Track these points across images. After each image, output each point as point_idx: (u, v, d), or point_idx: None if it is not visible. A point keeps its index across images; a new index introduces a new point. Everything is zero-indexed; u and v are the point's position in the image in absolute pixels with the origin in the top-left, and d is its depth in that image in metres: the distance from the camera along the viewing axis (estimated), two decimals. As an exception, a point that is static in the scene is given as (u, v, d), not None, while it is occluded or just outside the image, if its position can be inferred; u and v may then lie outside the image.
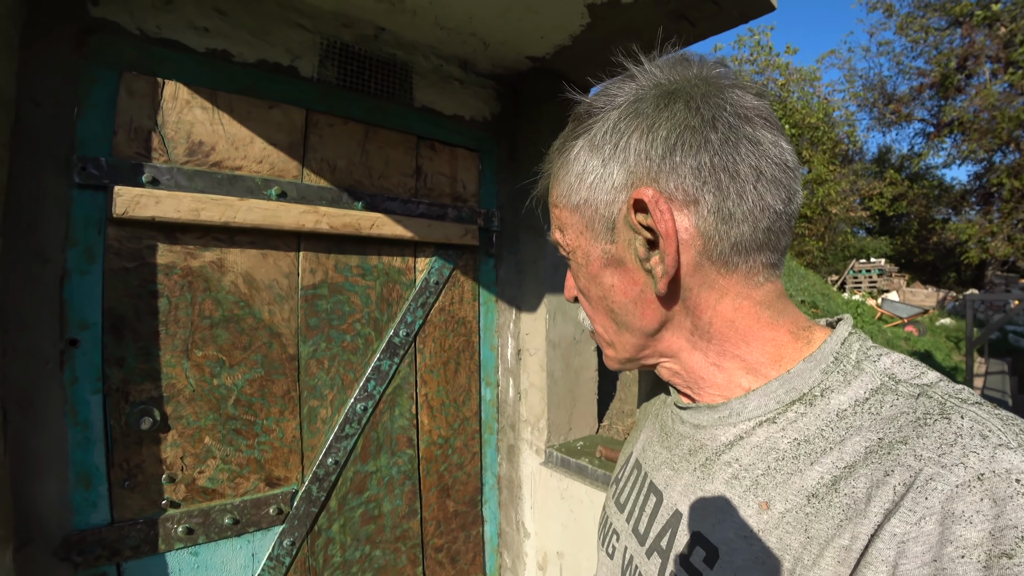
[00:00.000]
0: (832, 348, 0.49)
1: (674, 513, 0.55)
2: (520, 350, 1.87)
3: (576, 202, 0.54)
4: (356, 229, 1.47)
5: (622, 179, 0.50)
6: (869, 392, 0.45)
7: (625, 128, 0.50)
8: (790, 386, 0.49)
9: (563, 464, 1.74)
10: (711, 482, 0.52)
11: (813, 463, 0.44)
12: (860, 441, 0.43)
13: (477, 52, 1.73)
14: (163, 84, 1.26)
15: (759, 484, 0.47)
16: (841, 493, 0.42)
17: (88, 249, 1.18)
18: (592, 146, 0.52)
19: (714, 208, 0.48)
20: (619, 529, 0.65)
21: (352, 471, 1.52)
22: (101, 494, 1.18)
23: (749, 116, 0.48)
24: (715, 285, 0.51)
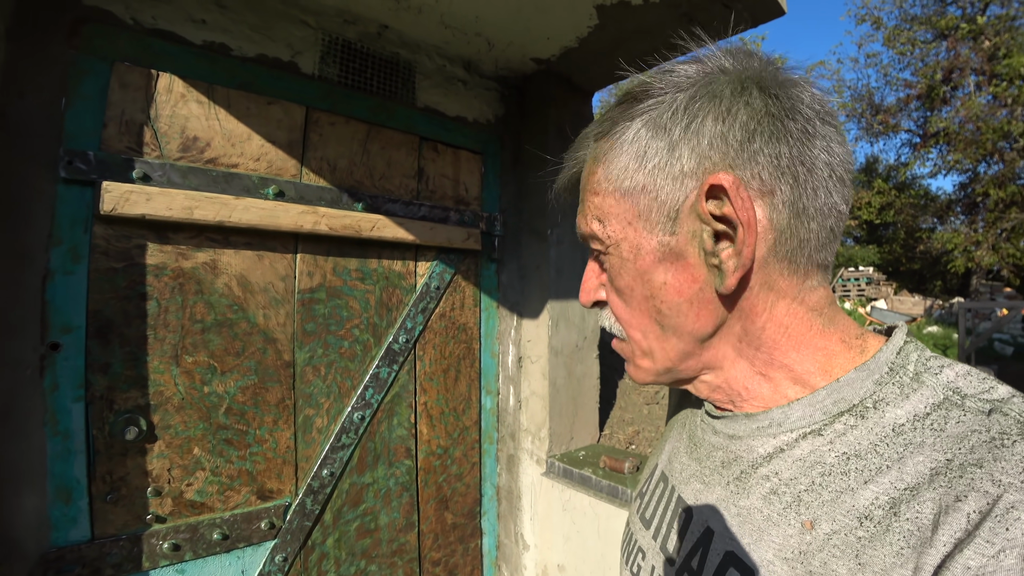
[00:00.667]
0: (887, 358, 0.45)
1: (705, 531, 0.50)
2: (521, 357, 1.81)
3: (629, 187, 0.48)
4: (356, 231, 1.40)
5: (692, 164, 0.45)
6: (931, 407, 0.41)
7: (698, 110, 0.45)
8: (839, 396, 0.45)
9: (565, 475, 1.69)
10: (747, 497, 0.47)
11: (867, 481, 0.40)
12: (924, 461, 0.39)
13: (482, 53, 1.68)
14: (157, 76, 1.20)
15: (802, 501, 0.43)
16: (902, 518, 0.37)
17: (73, 248, 1.11)
18: (656, 127, 0.47)
19: (789, 201, 0.44)
20: (645, 547, 0.60)
21: (348, 483, 1.45)
22: (81, 509, 1.11)
23: (821, 112, 0.46)
24: (775, 286, 0.46)
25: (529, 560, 1.79)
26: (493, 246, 1.77)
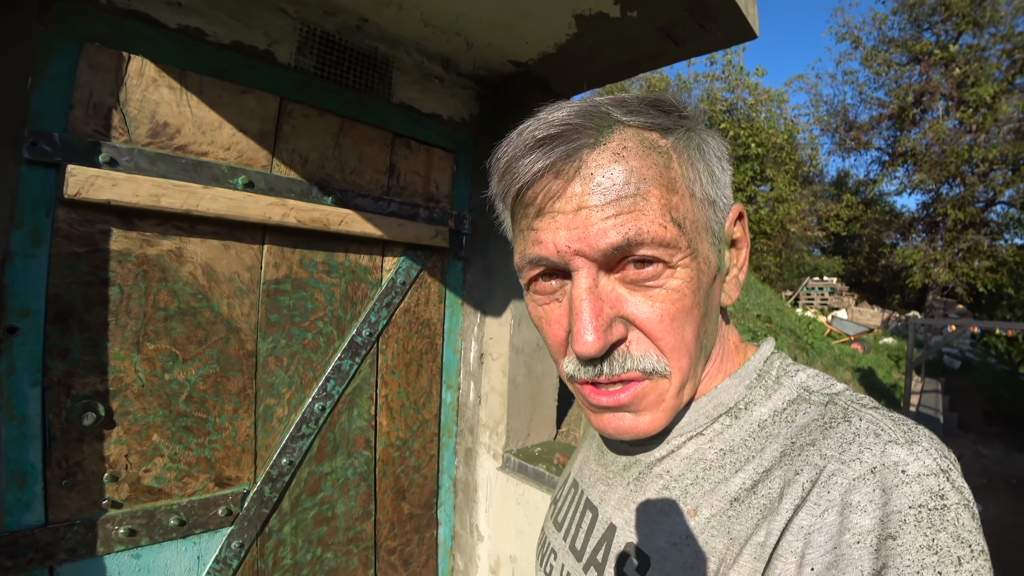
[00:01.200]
0: (755, 366, 0.54)
1: (609, 527, 0.57)
2: (483, 354, 1.85)
3: (704, 196, 0.48)
4: (324, 225, 1.42)
5: (730, 191, 0.53)
6: (787, 403, 0.49)
7: (718, 147, 0.52)
8: (717, 401, 0.53)
9: (520, 469, 1.74)
10: (643, 494, 0.54)
11: (737, 471, 0.47)
12: (777, 447, 0.46)
13: (460, 52, 1.70)
14: (129, 59, 1.19)
15: (688, 493, 0.50)
16: (759, 495, 0.45)
17: (34, 231, 1.10)
18: (720, 149, 0.52)
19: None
20: (556, 548, 0.65)
21: (307, 472, 1.47)
22: (36, 493, 1.11)
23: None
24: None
25: (483, 551, 1.83)
26: (461, 244, 1.80)
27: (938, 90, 19.32)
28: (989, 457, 9.10)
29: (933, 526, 0.37)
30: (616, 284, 0.46)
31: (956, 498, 0.38)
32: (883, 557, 0.37)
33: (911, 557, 0.37)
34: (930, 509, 0.38)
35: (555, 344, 0.50)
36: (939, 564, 0.36)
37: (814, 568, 0.39)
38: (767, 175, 17.70)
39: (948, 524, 0.37)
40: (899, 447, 0.41)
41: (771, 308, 10.19)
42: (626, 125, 0.45)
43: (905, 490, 0.38)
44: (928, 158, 19.12)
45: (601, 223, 0.43)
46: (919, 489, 0.38)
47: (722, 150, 0.52)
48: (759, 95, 17.92)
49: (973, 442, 9.89)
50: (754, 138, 16.97)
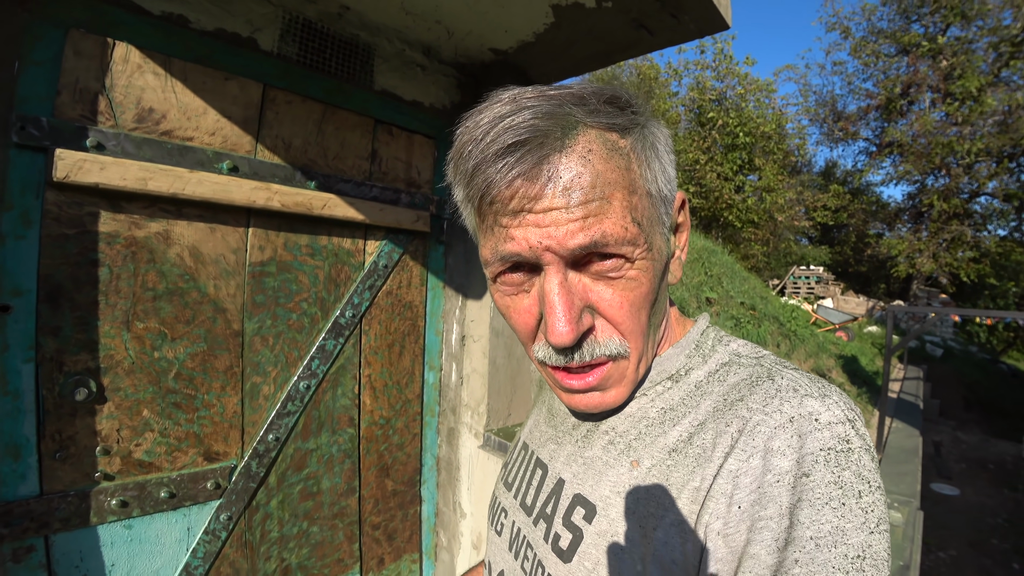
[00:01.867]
0: (694, 338, 0.61)
1: (558, 481, 0.62)
2: (464, 336, 1.91)
3: (656, 192, 0.53)
4: (308, 208, 1.47)
5: (675, 181, 0.57)
6: (719, 366, 0.56)
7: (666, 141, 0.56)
8: (660, 368, 0.59)
9: (500, 448, 1.81)
10: (590, 449, 0.60)
11: (675, 425, 0.54)
12: (710, 403, 0.53)
13: (441, 40, 1.74)
14: (113, 45, 1.22)
15: (631, 447, 0.56)
16: (694, 445, 0.51)
17: (24, 213, 1.14)
18: (667, 145, 0.55)
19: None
20: (507, 507, 0.71)
21: (292, 448, 1.53)
22: (30, 465, 1.16)
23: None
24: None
25: (466, 527, 1.91)
26: (442, 229, 1.85)
27: (925, 82, 19.54)
28: (967, 443, 9.33)
29: (839, 465, 0.44)
30: (582, 276, 0.50)
31: (859, 443, 0.45)
32: (798, 492, 0.44)
33: (821, 491, 0.43)
34: (837, 452, 0.44)
35: (524, 331, 0.54)
36: (843, 496, 0.43)
37: (740, 506, 0.45)
38: (755, 164, 17.82)
39: (852, 464, 0.44)
40: (814, 400, 0.47)
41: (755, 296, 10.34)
42: (588, 126, 0.48)
43: (818, 435, 0.45)
44: (914, 149, 19.37)
45: (569, 225, 0.46)
46: (829, 435, 0.45)
47: (669, 143, 0.55)
48: (748, 84, 17.99)
49: (953, 428, 10.13)
50: (742, 127, 17.06)
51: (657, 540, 0.49)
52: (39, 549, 1.17)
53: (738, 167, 17.64)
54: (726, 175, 17.35)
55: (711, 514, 0.46)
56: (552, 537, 0.59)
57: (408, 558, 1.87)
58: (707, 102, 17.88)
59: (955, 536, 5.60)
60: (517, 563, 0.64)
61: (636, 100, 0.52)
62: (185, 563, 1.35)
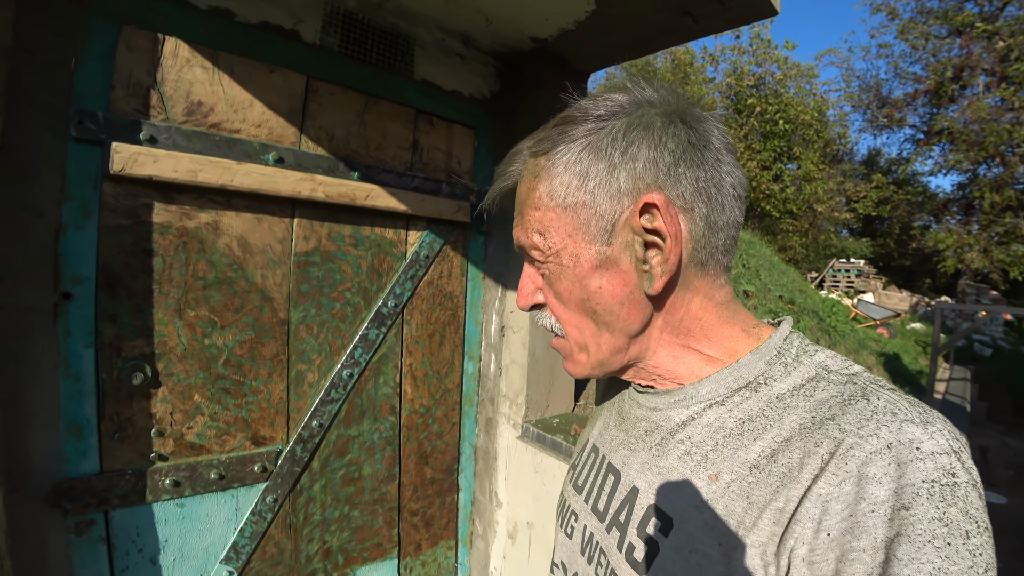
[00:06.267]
0: (775, 344, 0.56)
1: (632, 489, 0.60)
2: (504, 327, 1.91)
3: (571, 203, 0.56)
4: (351, 199, 1.48)
5: (628, 184, 0.54)
6: (805, 379, 0.52)
7: (635, 138, 0.54)
8: (738, 374, 0.55)
9: (538, 439, 1.80)
10: (666, 458, 0.57)
11: (756, 439, 0.51)
12: (796, 419, 0.49)
13: (480, 28, 1.72)
14: (163, 40, 1.25)
15: (708, 459, 0.53)
16: (779, 463, 0.48)
17: (83, 204, 1.18)
18: (597, 150, 0.55)
19: (704, 215, 0.55)
20: (577, 510, 0.69)
21: (335, 434, 1.56)
22: (91, 445, 1.21)
23: (726, 144, 0.57)
24: (690, 286, 0.57)
25: (501, 516, 1.92)
26: (482, 219, 1.85)
27: (979, 65, 18.54)
28: (1015, 449, 8.90)
29: (945, 500, 0.40)
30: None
31: (966, 477, 0.41)
32: (896, 526, 0.40)
33: (923, 527, 0.40)
34: (942, 485, 0.41)
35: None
36: (949, 535, 0.40)
37: (830, 533, 0.43)
38: (794, 153, 17.30)
39: (958, 500, 0.40)
40: (914, 426, 0.43)
41: (794, 289, 10.07)
42: (525, 157, 0.62)
43: (919, 466, 0.41)
44: (966, 137, 18.42)
45: (515, 230, 0.63)
46: (932, 466, 0.41)
47: (606, 148, 0.55)
48: (788, 69, 17.42)
49: (1001, 433, 9.67)
50: (782, 114, 16.55)
51: (736, 560, 0.47)
52: (99, 523, 1.22)
53: (776, 155, 17.14)
54: (764, 164, 16.89)
55: (796, 539, 0.44)
56: (626, 547, 0.57)
57: (444, 544, 1.90)
58: (745, 88, 17.39)
59: (1000, 547, 5.38)
60: (591, 568, 0.63)
61: (589, 109, 0.57)
62: (233, 541, 1.40)
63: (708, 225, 0.55)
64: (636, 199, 0.53)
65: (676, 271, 0.55)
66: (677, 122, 0.54)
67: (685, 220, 0.54)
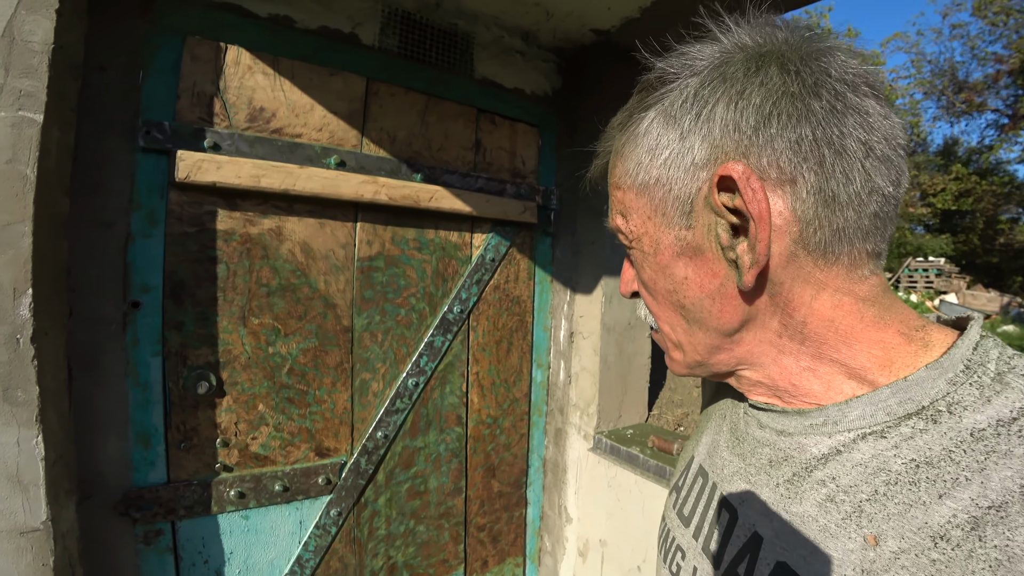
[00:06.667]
0: (962, 354, 0.39)
1: (752, 536, 0.46)
2: (573, 333, 1.79)
3: (645, 182, 0.46)
4: (415, 201, 1.41)
5: (704, 154, 0.42)
6: (1019, 411, 0.35)
7: (709, 95, 0.42)
8: (905, 396, 0.39)
9: (612, 451, 1.67)
10: (799, 502, 0.43)
11: (942, 495, 0.35)
12: (1013, 476, 0.33)
13: (540, 23, 1.63)
14: (226, 49, 1.22)
15: (863, 512, 0.38)
16: (988, 543, 0.32)
17: (151, 213, 1.16)
18: (667, 117, 0.44)
19: (815, 188, 0.40)
20: (684, 546, 0.56)
21: (401, 446, 1.48)
22: (159, 454, 1.18)
23: (856, 83, 0.41)
24: (811, 279, 0.42)
25: (571, 532, 1.78)
26: (549, 220, 1.74)
27: (1069, 40, 16.85)
28: None
29: None
30: None
31: None
32: None
33: None
34: None
35: None
36: None
37: None
38: (863, 148, 16.26)
39: None
40: None
41: (871, 291, 9.39)
42: (615, 131, 0.52)
43: None
44: (1058, 120, 16.77)
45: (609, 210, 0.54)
46: None
47: (676, 114, 0.43)
48: (853, 61, 16.45)
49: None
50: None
51: None
52: (167, 533, 1.19)
53: (844, 152, 16.16)
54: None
55: None
56: None
57: (512, 561, 1.78)
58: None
59: None
60: None
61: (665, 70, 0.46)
62: (297, 555, 1.34)
63: (824, 199, 0.40)
64: (714, 172, 0.42)
65: (774, 261, 0.42)
66: (770, 67, 0.41)
67: (783, 195, 0.40)
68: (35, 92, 0.98)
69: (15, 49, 0.98)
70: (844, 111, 0.39)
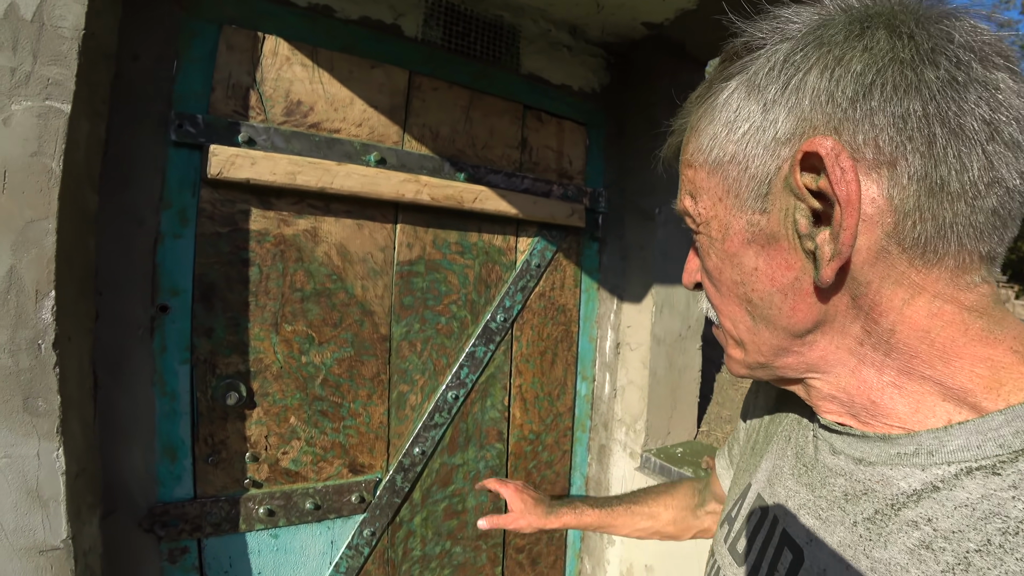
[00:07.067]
0: None
1: None
2: (619, 344, 1.65)
3: (719, 158, 0.40)
4: (458, 202, 1.29)
5: (789, 127, 0.36)
6: None
7: (801, 62, 0.35)
8: (1020, 424, 0.32)
9: (662, 471, 1.52)
10: (883, 547, 0.36)
11: None
12: None
13: (589, 16, 1.50)
14: (263, 39, 1.14)
15: (972, 565, 0.31)
16: None
17: (182, 211, 1.07)
18: (751, 87, 0.38)
19: (919, 174, 0.33)
20: None
21: (439, 463, 1.37)
22: (186, 468, 1.09)
23: (985, 52, 0.33)
24: (904, 280, 0.36)
25: (614, 555, 1.65)
26: (596, 224, 1.60)
27: None
28: None
29: None
30: None
31: None
32: None
33: None
34: None
35: None
36: None
37: None
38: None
39: None
40: None
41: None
42: (692, 106, 0.45)
43: None
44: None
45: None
46: None
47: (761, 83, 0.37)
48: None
49: None
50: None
51: None
52: (192, 551, 1.10)
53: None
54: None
55: None
56: None
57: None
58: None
59: None
60: None
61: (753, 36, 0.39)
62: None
63: (929, 188, 0.33)
64: (797, 147, 0.35)
65: (869, 256, 0.35)
66: (877, 30, 0.34)
67: (879, 179, 0.34)
68: (64, 80, 0.90)
69: (44, 35, 0.90)
70: (966, 84, 0.32)
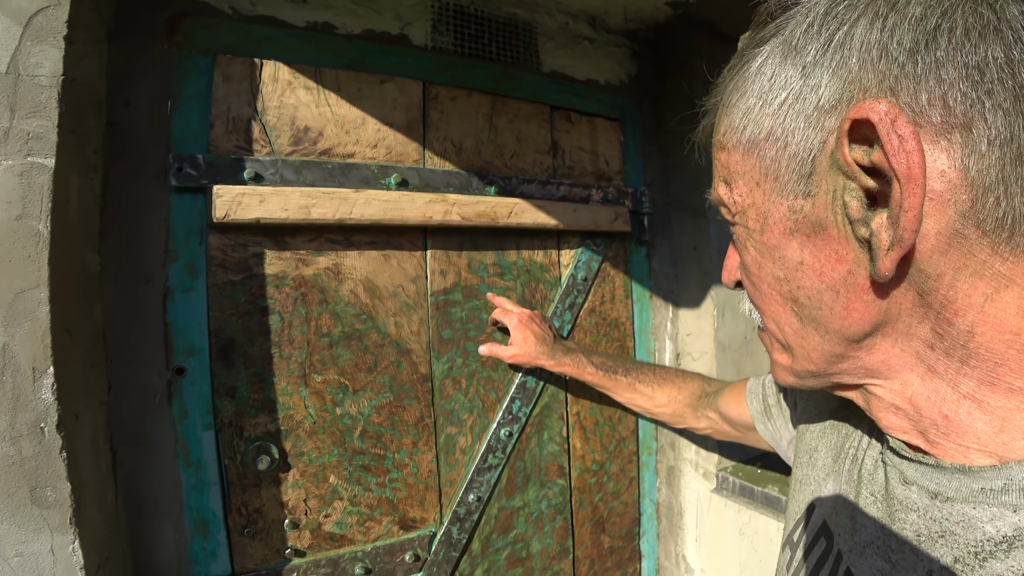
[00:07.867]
0: None
1: None
2: (679, 354, 1.45)
3: (753, 137, 0.33)
4: (492, 219, 1.12)
5: (834, 93, 0.28)
6: None
7: (845, 13, 0.27)
8: None
9: (743, 492, 1.32)
10: None
11: None
12: None
13: (607, 3, 1.34)
14: (261, 65, 1.00)
15: None
16: None
17: (190, 263, 0.94)
18: (787, 49, 0.30)
19: (1003, 137, 0.24)
20: None
21: (496, 508, 1.20)
22: (220, 542, 0.94)
23: None
24: (986, 271, 0.27)
25: (696, 591, 1.44)
26: (642, 226, 1.41)
27: None
28: None
29: None
30: None
31: None
32: None
33: None
34: None
35: None
36: None
37: None
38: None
39: None
40: None
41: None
42: (726, 81, 0.38)
43: None
44: None
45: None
46: None
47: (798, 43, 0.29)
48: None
49: None
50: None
51: None
52: (238, 636, 0.95)
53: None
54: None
55: None
56: None
57: (629, 620, 1.45)
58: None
59: None
60: None
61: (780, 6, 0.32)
62: (390, 647, 1.07)
63: (1017, 153, 0.23)
64: (844, 115, 0.27)
65: (939, 242, 0.26)
66: None
67: (950, 147, 0.25)
68: (45, 133, 0.77)
69: (20, 86, 0.77)
70: None
